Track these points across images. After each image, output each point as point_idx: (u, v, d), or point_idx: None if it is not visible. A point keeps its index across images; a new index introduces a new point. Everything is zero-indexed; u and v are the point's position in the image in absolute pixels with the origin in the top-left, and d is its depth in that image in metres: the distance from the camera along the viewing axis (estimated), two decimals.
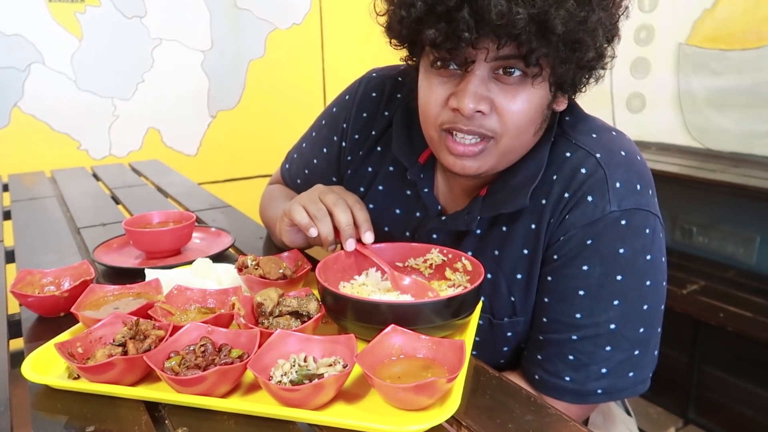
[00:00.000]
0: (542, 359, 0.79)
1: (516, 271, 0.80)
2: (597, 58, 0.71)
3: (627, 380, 0.77)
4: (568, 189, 0.75)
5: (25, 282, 0.82)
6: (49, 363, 0.64)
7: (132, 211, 1.37)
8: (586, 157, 0.76)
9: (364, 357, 0.58)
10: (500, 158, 0.76)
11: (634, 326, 0.75)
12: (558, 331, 0.77)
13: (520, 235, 0.79)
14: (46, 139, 2.21)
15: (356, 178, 0.97)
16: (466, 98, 0.69)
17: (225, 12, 2.45)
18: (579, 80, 0.73)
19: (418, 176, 0.87)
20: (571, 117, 0.82)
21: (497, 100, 0.71)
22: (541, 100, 0.72)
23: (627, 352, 0.75)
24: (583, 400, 0.77)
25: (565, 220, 0.75)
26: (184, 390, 0.57)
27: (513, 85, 0.70)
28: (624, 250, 0.73)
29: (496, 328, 0.83)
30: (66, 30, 2.17)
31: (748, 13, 2.03)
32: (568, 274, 0.75)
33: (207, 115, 2.51)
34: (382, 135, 0.94)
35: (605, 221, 0.73)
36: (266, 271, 0.81)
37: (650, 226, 0.74)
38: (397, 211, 0.92)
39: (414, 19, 0.69)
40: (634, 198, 0.74)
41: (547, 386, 0.78)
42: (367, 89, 0.96)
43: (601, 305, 0.74)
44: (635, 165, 0.76)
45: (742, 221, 1.97)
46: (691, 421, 2.00)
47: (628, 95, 2.48)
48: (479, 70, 0.70)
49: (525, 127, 0.73)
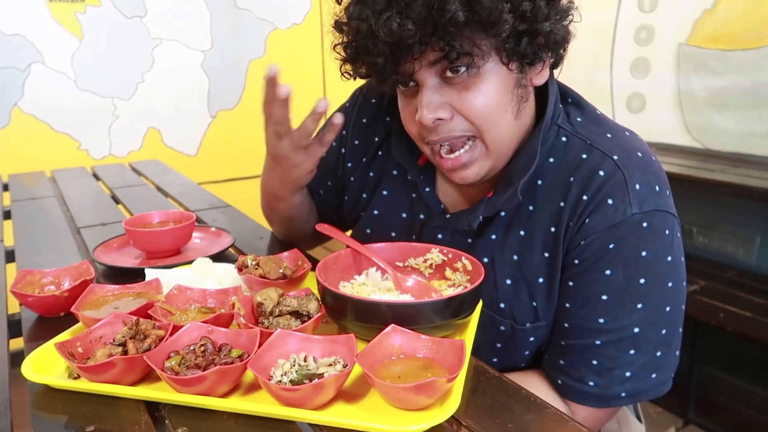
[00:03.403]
0: (565, 364, 0.78)
1: (537, 275, 0.79)
2: (532, 21, 0.68)
3: (650, 382, 0.76)
4: (586, 191, 0.74)
5: (25, 282, 0.82)
6: (49, 363, 0.64)
7: (132, 211, 1.37)
8: (604, 159, 0.75)
9: (364, 357, 0.58)
10: (493, 155, 0.76)
11: (657, 328, 0.74)
12: (581, 337, 0.76)
13: (540, 238, 0.78)
14: (46, 139, 2.22)
15: (359, 184, 0.96)
16: (423, 110, 0.72)
17: (225, 12, 2.45)
18: (528, 49, 0.70)
19: (419, 177, 0.87)
20: (583, 117, 0.81)
21: (454, 102, 0.72)
22: (501, 84, 0.72)
23: (650, 354, 0.75)
24: (607, 404, 0.77)
25: (585, 224, 0.74)
26: (184, 390, 0.57)
27: (463, 82, 0.71)
28: (646, 253, 0.72)
29: (518, 333, 0.81)
30: (66, 30, 2.18)
31: (748, 14, 2.03)
32: (591, 279, 0.74)
33: (207, 115, 2.52)
34: (384, 140, 0.94)
35: (627, 224, 0.72)
36: (266, 271, 0.81)
37: (669, 227, 0.74)
38: (403, 215, 0.92)
39: (350, 59, 0.76)
40: (654, 199, 0.73)
41: (571, 391, 0.77)
42: (368, 96, 0.97)
43: (624, 309, 0.73)
44: (652, 166, 0.76)
45: (742, 221, 1.97)
46: (691, 421, 2.00)
47: (628, 95, 2.48)
48: (427, 80, 0.72)
49: (496, 116, 0.73)
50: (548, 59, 0.76)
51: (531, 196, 0.79)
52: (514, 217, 0.80)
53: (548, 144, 0.79)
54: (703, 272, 1.99)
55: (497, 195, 0.80)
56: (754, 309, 1.76)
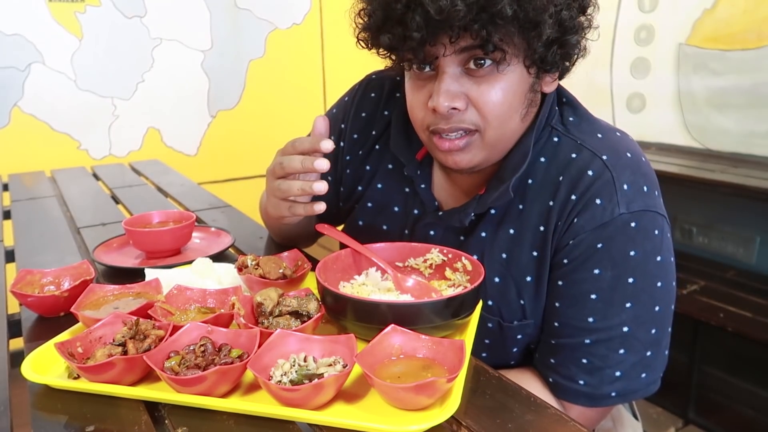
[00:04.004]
0: (555, 363, 0.78)
1: (525, 273, 0.80)
2: (564, 32, 0.70)
3: (640, 381, 0.76)
4: (575, 191, 0.75)
5: (25, 282, 0.82)
6: (49, 363, 0.64)
7: (132, 210, 1.37)
8: (593, 159, 0.76)
9: (364, 357, 0.58)
10: (490, 149, 0.76)
11: (646, 328, 0.75)
12: (571, 336, 0.76)
13: (529, 237, 0.79)
14: (46, 138, 2.21)
15: (355, 177, 0.97)
16: (440, 97, 0.71)
17: (225, 12, 2.45)
18: (553, 58, 0.72)
19: (415, 173, 0.88)
20: (575, 117, 0.82)
21: (471, 94, 0.71)
22: (518, 85, 0.72)
23: (640, 354, 0.75)
24: (597, 403, 0.77)
25: (574, 223, 0.75)
26: (183, 390, 0.57)
27: (485, 76, 0.71)
28: (635, 253, 0.73)
29: (506, 330, 0.82)
30: (66, 30, 2.17)
31: (748, 14, 2.03)
32: (580, 279, 0.75)
33: (207, 115, 2.51)
34: (381, 134, 0.94)
35: (615, 224, 0.72)
36: (266, 271, 0.81)
37: (659, 227, 0.74)
38: (396, 209, 0.92)
39: (374, 27, 0.72)
40: (642, 200, 0.74)
41: (562, 390, 0.78)
42: (367, 90, 0.97)
43: (613, 308, 0.74)
44: (641, 166, 0.76)
45: (742, 221, 1.97)
46: (691, 421, 2.00)
47: (628, 95, 2.48)
48: (449, 67, 0.71)
49: (506, 115, 0.73)
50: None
51: (521, 194, 0.79)
52: (504, 215, 0.81)
53: (541, 143, 0.80)
54: (703, 272, 1.99)
55: (489, 192, 0.80)
56: (754, 309, 1.76)
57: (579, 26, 0.72)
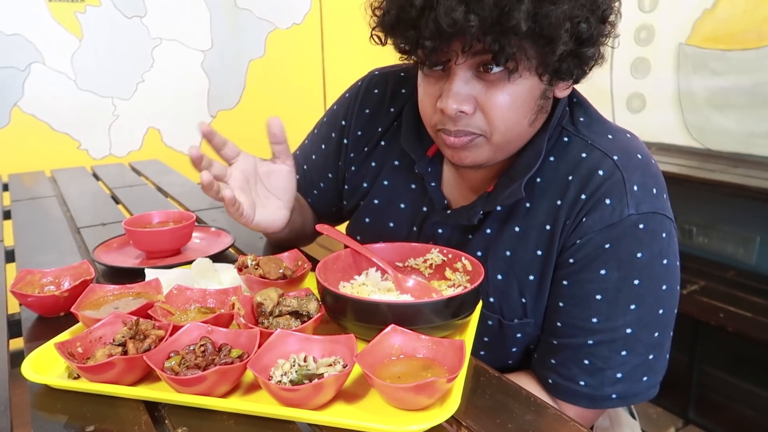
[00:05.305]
0: (556, 363, 0.78)
1: (529, 272, 0.79)
2: (581, 44, 0.69)
3: (641, 384, 0.76)
4: (584, 191, 0.75)
5: (25, 282, 0.82)
6: (49, 363, 0.64)
7: (132, 210, 1.37)
8: (603, 159, 0.75)
9: (364, 357, 0.58)
10: (495, 149, 0.75)
11: (649, 331, 0.75)
12: (573, 336, 0.76)
13: (534, 235, 0.78)
14: (46, 138, 2.21)
15: (360, 174, 0.96)
16: (449, 99, 0.70)
17: (225, 12, 2.45)
18: (568, 67, 0.71)
19: (426, 170, 0.87)
20: (586, 117, 0.81)
21: (480, 98, 0.71)
22: (529, 92, 0.72)
23: (642, 357, 0.75)
24: (597, 405, 0.77)
25: (582, 223, 0.74)
26: (183, 390, 0.57)
27: (495, 81, 0.70)
28: (642, 255, 0.72)
29: (505, 329, 0.82)
30: (66, 30, 2.17)
31: (748, 14, 2.03)
32: (585, 279, 0.75)
33: (207, 115, 2.51)
34: (387, 130, 0.94)
35: (623, 225, 0.72)
36: (266, 271, 0.81)
37: (666, 230, 0.74)
38: (402, 206, 0.92)
39: (387, 26, 0.72)
40: (651, 202, 0.73)
41: (561, 390, 0.77)
42: (369, 86, 0.96)
43: (618, 310, 0.73)
44: (651, 168, 0.76)
45: (742, 221, 1.97)
46: (691, 421, 2.00)
47: (628, 95, 2.48)
48: (461, 70, 0.70)
49: (514, 121, 0.73)
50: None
51: (529, 192, 0.79)
52: (511, 213, 0.80)
53: (551, 143, 0.79)
54: (703, 272, 1.99)
55: (498, 190, 0.80)
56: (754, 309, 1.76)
57: (598, 36, 0.71)
